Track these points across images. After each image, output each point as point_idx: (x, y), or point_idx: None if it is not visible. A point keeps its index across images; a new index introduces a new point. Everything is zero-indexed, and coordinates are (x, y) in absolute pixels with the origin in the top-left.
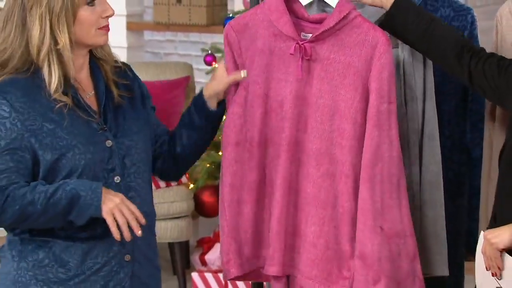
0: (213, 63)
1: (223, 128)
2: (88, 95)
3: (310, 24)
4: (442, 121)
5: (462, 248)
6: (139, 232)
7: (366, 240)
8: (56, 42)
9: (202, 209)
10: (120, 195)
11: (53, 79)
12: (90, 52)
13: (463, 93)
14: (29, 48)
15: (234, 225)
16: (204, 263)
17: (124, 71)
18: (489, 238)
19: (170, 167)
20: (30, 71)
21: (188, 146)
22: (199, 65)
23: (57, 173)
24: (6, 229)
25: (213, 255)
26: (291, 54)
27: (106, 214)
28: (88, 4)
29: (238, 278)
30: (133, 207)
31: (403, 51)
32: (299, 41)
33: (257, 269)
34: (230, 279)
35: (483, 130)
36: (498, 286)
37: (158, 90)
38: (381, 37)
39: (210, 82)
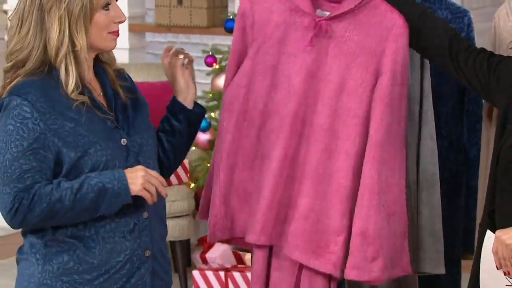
0: (214, 64)
1: (224, 96)
2: (99, 96)
3: (327, 2)
4: (440, 122)
5: (459, 247)
6: (166, 194)
7: (370, 218)
8: (74, 44)
9: None
10: (139, 167)
11: (70, 79)
12: (96, 55)
13: (460, 94)
14: (47, 49)
15: (226, 189)
16: (204, 261)
17: (123, 74)
18: (504, 239)
19: None
20: (45, 72)
21: (170, 151)
22: (200, 67)
23: (80, 171)
24: (27, 231)
25: (214, 254)
26: (304, 27)
27: (138, 193)
28: (103, 8)
29: (222, 241)
30: (155, 173)
31: None
32: (315, 18)
33: (242, 236)
34: (213, 241)
35: (480, 131)
36: (509, 284)
37: (159, 91)
38: (397, 19)
39: (172, 86)
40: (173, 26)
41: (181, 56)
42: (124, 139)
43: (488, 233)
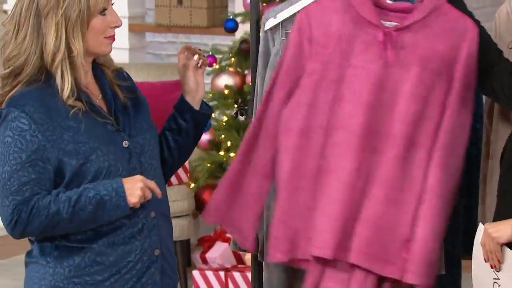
0: (214, 64)
1: (282, 116)
2: (97, 99)
3: (392, 12)
4: None
5: (459, 247)
6: (160, 195)
7: (435, 224)
8: (70, 50)
9: (203, 208)
10: (138, 177)
11: (65, 85)
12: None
13: None
14: (43, 54)
15: (287, 210)
16: (204, 261)
17: (121, 73)
18: (491, 232)
19: None
20: (42, 80)
21: (175, 149)
22: None
23: (83, 178)
24: (37, 237)
25: (214, 254)
26: (379, 41)
27: (137, 205)
28: (100, 13)
29: (282, 262)
30: (153, 184)
31: None
32: (384, 29)
33: (300, 258)
34: (273, 261)
35: (480, 130)
36: (496, 277)
37: (160, 91)
38: (470, 25)
39: (184, 89)
40: (173, 26)
41: (196, 57)
42: (126, 141)
43: (480, 225)
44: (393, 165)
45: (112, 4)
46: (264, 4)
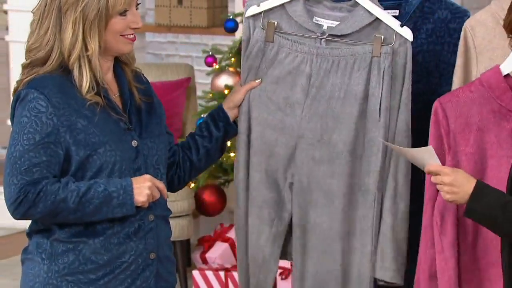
0: (214, 64)
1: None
2: (115, 95)
3: None
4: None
5: None
6: (166, 196)
7: None
8: (86, 48)
9: (203, 208)
10: (147, 176)
11: (83, 81)
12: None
13: None
14: (62, 49)
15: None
16: (204, 261)
17: (140, 75)
18: (446, 192)
19: (181, 175)
20: (63, 73)
21: (203, 156)
22: (200, 66)
23: (87, 169)
24: (32, 232)
25: (214, 254)
26: None
27: (144, 204)
28: (120, 14)
29: None
30: (161, 186)
31: (385, 61)
32: None
33: None
34: None
35: None
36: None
37: (159, 91)
38: None
39: (228, 96)
40: (173, 26)
41: (258, 81)
42: (135, 141)
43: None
44: None
45: (138, 5)
46: None
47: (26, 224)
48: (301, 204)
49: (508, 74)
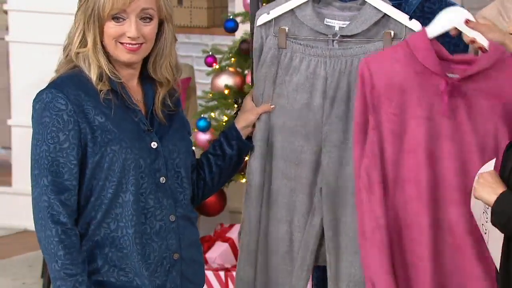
0: (214, 64)
1: (360, 170)
2: (137, 99)
3: (456, 65)
4: None
5: None
6: None
7: None
8: (85, 46)
9: (203, 208)
10: None
11: (91, 74)
12: (146, 71)
13: None
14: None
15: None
16: (205, 261)
17: (178, 100)
18: (476, 187)
19: (194, 193)
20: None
21: (217, 175)
22: (200, 66)
23: (102, 165)
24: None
25: (214, 254)
26: (442, 91)
27: None
28: (114, 20)
29: None
30: None
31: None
32: (447, 79)
33: None
34: None
35: None
36: (485, 232)
37: None
38: None
39: (240, 114)
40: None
41: (272, 106)
42: (155, 143)
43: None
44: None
45: (146, 17)
46: (264, 4)
47: (26, 224)
48: (331, 207)
49: (434, 38)
